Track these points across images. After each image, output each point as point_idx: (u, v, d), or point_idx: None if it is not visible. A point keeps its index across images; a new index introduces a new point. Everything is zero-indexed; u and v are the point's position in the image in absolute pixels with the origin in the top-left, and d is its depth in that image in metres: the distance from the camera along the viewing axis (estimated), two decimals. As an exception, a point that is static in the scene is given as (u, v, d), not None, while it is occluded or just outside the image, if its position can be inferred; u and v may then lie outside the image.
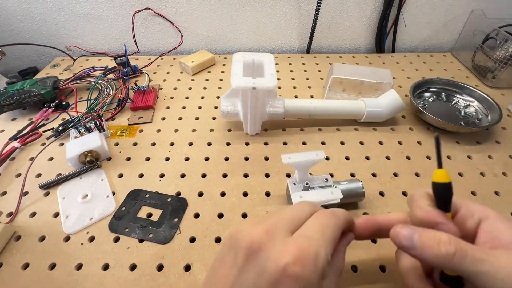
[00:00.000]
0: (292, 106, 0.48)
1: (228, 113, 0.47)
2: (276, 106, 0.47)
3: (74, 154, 0.41)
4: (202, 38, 0.73)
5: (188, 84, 0.62)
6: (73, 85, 0.59)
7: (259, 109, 0.45)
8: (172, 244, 0.34)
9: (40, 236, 0.35)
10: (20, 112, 0.54)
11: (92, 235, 0.35)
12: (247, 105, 0.44)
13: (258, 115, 0.46)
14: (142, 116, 0.53)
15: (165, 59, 0.70)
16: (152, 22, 0.70)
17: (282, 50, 0.77)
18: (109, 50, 0.73)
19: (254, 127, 0.47)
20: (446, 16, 0.72)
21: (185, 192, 0.40)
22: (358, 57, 0.72)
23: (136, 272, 0.32)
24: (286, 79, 0.64)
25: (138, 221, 0.37)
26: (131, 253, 0.34)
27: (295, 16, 0.70)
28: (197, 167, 0.44)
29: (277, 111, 0.47)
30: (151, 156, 0.46)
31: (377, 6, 0.69)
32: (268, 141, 0.48)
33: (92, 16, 0.68)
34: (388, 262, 0.33)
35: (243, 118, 0.47)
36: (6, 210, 0.38)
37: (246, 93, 0.42)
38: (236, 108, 0.46)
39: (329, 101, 0.51)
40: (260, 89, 0.41)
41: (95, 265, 0.33)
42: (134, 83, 0.61)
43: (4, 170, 0.43)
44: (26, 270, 0.32)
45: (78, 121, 0.49)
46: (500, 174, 0.43)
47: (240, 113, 0.46)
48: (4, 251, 0.34)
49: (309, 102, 0.49)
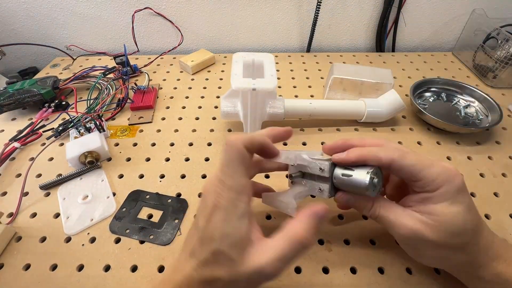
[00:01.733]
0: (292, 106, 0.48)
1: (229, 114, 0.47)
2: (276, 107, 0.47)
3: (74, 154, 0.42)
4: (202, 37, 0.73)
5: (188, 83, 0.62)
6: (73, 85, 0.59)
7: (259, 109, 0.45)
8: (173, 246, 0.35)
9: (41, 237, 0.35)
10: (20, 112, 0.54)
11: (93, 236, 0.36)
12: (247, 105, 0.44)
13: (258, 115, 0.46)
14: (142, 116, 0.53)
15: (165, 58, 0.70)
16: (152, 21, 0.70)
17: (282, 49, 0.77)
18: (109, 50, 0.73)
19: (254, 127, 0.47)
20: (446, 16, 0.72)
21: (186, 193, 0.40)
22: (358, 56, 0.72)
23: (137, 274, 0.32)
24: (286, 79, 0.63)
25: (139, 222, 0.37)
26: (132, 254, 0.34)
27: (295, 15, 0.70)
28: (198, 168, 0.44)
29: (277, 112, 0.47)
30: (151, 157, 0.46)
31: (377, 6, 0.69)
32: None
33: (92, 16, 0.68)
34: (387, 263, 0.33)
35: (243, 119, 0.46)
36: (7, 211, 0.38)
37: (246, 94, 0.42)
38: (236, 108, 0.46)
39: (329, 101, 0.50)
40: (260, 90, 0.41)
41: (96, 266, 0.33)
42: (134, 82, 0.61)
43: (4, 170, 0.44)
44: (27, 271, 0.32)
45: (78, 121, 0.49)
46: (499, 175, 0.43)
47: (240, 113, 0.46)
48: (5, 252, 0.34)
49: (309, 103, 0.49)
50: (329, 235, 0.36)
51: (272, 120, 0.49)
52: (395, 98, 0.49)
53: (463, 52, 0.70)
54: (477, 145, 0.48)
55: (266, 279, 0.23)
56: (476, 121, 0.51)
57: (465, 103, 0.54)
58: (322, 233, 0.36)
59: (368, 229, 0.36)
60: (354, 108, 0.49)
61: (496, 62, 0.59)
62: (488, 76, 0.61)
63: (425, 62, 0.70)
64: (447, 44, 0.77)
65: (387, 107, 0.49)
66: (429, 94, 0.57)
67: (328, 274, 0.32)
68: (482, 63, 0.63)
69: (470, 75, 0.65)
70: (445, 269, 0.29)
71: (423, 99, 0.56)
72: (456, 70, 0.67)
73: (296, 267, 0.33)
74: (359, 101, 0.50)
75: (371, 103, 0.49)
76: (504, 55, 0.58)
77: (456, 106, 0.54)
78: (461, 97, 0.55)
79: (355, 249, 0.34)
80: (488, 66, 0.61)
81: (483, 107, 0.52)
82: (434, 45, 0.77)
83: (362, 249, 0.34)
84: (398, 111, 0.49)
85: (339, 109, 0.50)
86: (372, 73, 0.53)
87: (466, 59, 0.69)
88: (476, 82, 0.63)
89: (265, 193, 0.32)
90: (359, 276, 0.32)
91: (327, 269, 0.33)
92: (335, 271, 0.32)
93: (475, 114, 0.52)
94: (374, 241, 0.35)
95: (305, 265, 0.33)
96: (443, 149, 0.47)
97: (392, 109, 0.49)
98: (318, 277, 0.32)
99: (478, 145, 0.48)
